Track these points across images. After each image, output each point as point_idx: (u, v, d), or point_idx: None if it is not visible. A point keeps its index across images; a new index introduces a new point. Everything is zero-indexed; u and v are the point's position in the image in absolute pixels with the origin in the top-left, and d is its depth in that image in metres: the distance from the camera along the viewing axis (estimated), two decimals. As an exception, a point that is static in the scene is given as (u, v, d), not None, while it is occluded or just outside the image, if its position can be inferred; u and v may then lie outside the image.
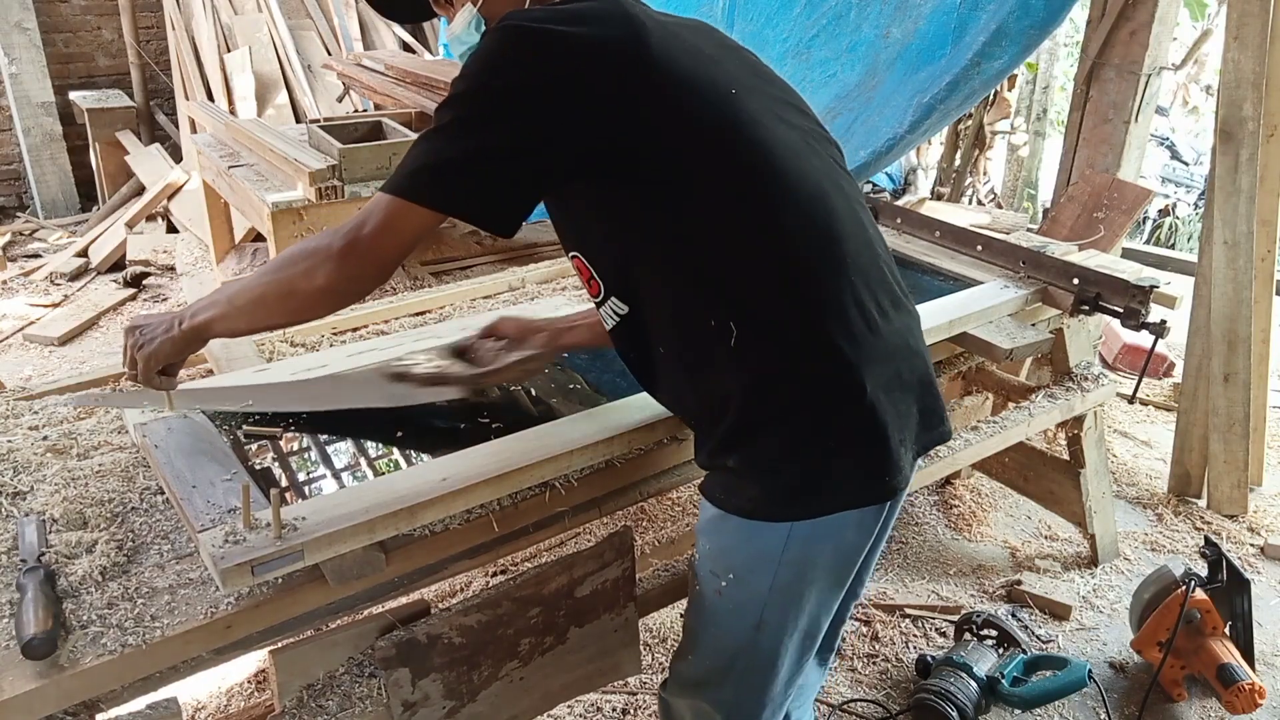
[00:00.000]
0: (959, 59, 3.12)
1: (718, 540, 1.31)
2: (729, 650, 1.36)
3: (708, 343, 1.19)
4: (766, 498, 1.23)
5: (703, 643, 1.40)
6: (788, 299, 1.18)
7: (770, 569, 1.26)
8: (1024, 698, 2.05)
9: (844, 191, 1.26)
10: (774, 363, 1.19)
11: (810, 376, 1.19)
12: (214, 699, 2.10)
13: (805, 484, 1.21)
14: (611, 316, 1.29)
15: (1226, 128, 2.68)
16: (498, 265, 3.43)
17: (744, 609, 1.31)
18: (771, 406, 1.19)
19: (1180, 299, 2.19)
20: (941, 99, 3.16)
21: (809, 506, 1.22)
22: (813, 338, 1.18)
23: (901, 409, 1.24)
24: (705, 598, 1.36)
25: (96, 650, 1.13)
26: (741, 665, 1.36)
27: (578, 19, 1.15)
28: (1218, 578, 2.14)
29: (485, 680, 1.42)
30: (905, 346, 1.27)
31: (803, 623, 1.33)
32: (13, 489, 1.39)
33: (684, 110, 1.16)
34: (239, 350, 1.76)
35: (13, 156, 5.64)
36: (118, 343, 4.01)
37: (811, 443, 1.20)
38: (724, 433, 1.22)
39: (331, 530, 1.21)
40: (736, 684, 1.38)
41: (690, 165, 1.16)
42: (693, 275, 1.19)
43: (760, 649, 1.34)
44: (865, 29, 3.47)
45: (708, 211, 1.17)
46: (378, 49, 5.37)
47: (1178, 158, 6.84)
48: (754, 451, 1.22)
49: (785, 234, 1.18)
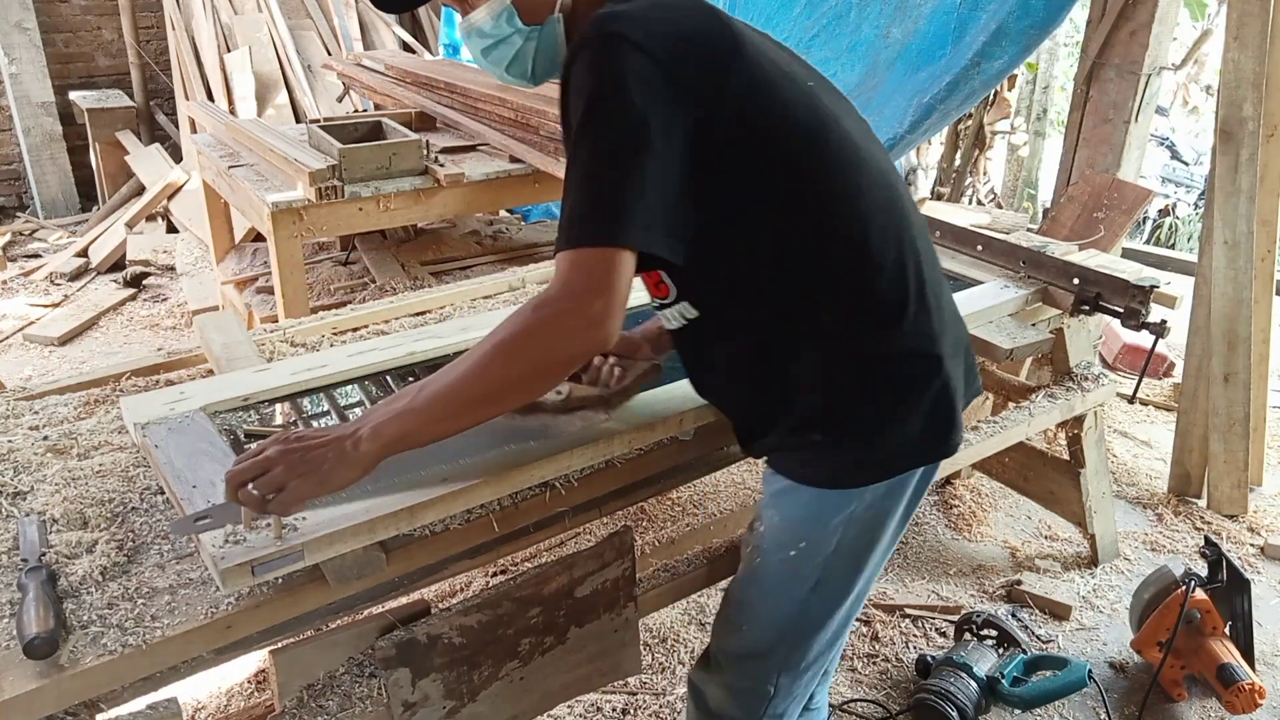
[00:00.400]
0: (959, 59, 3.12)
1: (791, 511, 1.35)
2: (784, 616, 1.40)
3: (791, 333, 1.23)
4: (849, 467, 1.29)
5: (759, 613, 1.42)
6: (876, 284, 1.22)
7: (839, 531, 1.32)
8: (1024, 698, 2.05)
9: (899, 177, 1.32)
10: (863, 345, 1.24)
11: (898, 355, 1.25)
12: (214, 699, 2.10)
13: (886, 449, 1.28)
14: (678, 319, 1.30)
15: (1226, 128, 2.68)
16: (498, 265, 3.44)
17: (804, 573, 1.35)
18: (859, 385, 1.25)
19: (1180, 299, 2.19)
20: (941, 99, 3.16)
21: (888, 469, 1.30)
22: (899, 318, 1.24)
23: (959, 371, 1.32)
24: (767, 568, 1.39)
25: (97, 650, 1.13)
26: (798, 632, 1.40)
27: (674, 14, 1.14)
28: (1218, 578, 2.14)
29: (485, 680, 1.42)
30: (955, 314, 1.37)
31: (858, 585, 1.38)
32: (13, 489, 1.39)
33: (781, 103, 1.17)
34: (239, 350, 1.76)
35: (13, 156, 5.64)
36: (118, 342, 4.01)
37: (896, 413, 1.27)
38: (804, 412, 1.26)
39: (331, 530, 1.21)
40: (787, 648, 1.41)
41: (790, 158, 1.18)
42: (783, 269, 1.21)
43: (815, 614, 1.38)
44: (865, 29, 3.47)
45: (801, 205, 1.19)
46: (378, 49, 5.38)
47: (1178, 158, 6.84)
48: (839, 427, 1.27)
49: (871, 220, 1.21)
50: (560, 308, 1.07)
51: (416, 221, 3.44)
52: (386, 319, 2.04)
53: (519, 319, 1.09)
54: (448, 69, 3.97)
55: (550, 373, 1.14)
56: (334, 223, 2.86)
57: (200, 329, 1.86)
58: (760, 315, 1.24)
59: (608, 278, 1.06)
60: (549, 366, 1.12)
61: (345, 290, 3.33)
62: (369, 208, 2.86)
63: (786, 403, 1.27)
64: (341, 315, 2.02)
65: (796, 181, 1.19)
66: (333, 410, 1.65)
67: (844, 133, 1.22)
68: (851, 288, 1.22)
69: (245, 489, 1.06)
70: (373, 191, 2.83)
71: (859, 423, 1.27)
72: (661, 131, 1.08)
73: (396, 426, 1.08)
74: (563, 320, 1.07)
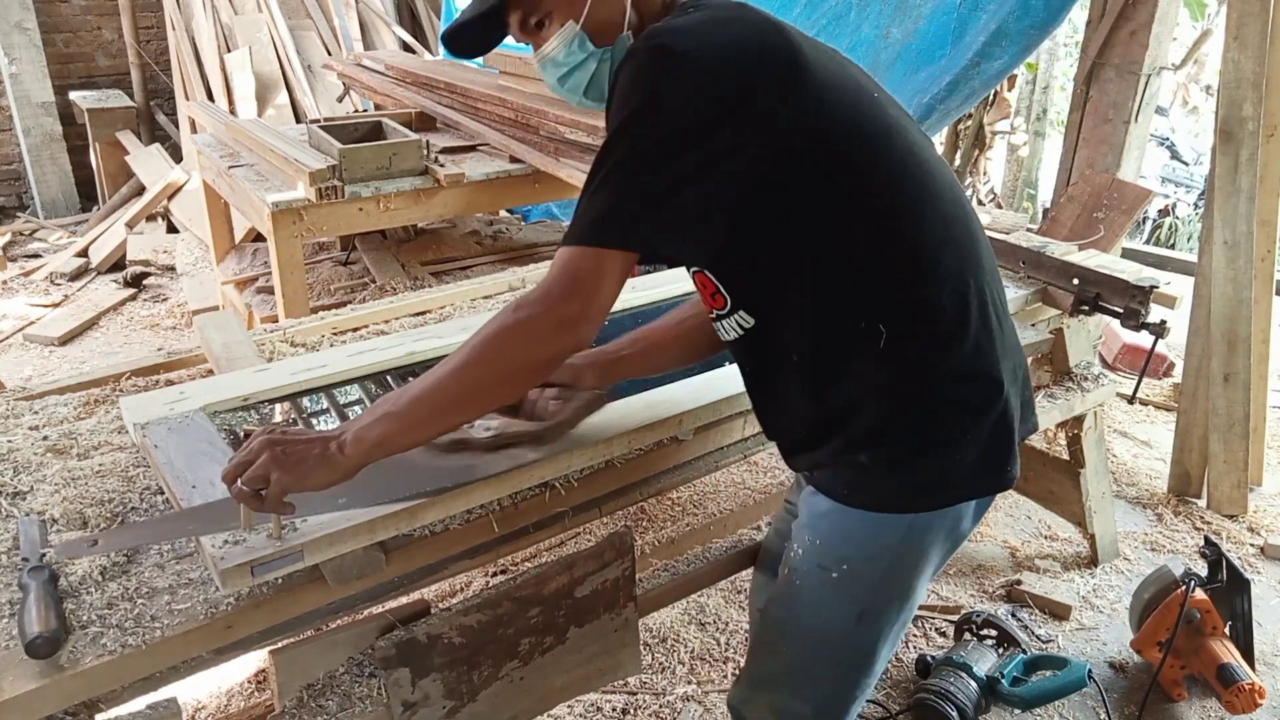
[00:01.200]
0: (959, 59, 3.12)
1: (834, 533, 1.31)
2: (829, 642, 1.36)
3: (849, 346, 1.19)
4: (898, 491, 1.25)
5: (798, 636, 1.39)
6: (939, 300, 1.18)
7: (886, 559, 1.28)
8: (1024, 698, 2.05)
9: (963, 192, 1.29)
10: (922, 362, 1.20)
11: (956, 375, 1.21)
12: (214, 699, 2.10)
13: (937, 477, 1.24)
14: (735, 329, 1.28)
15: (1226, 128, 2.68)
16: (498, 265, 3.44)
17: (850, 600, 1.32)
18: (915, 404, 1.21)
19: (1180, 299, 2.19)
20: (941, 99, 3.16)
21: (937, 498, 1.25)
22: (961, 337, 1.20)
23: (1017, 401, 1.28)
24: (807, 590, 1.35)
25: (97, 650, 1.13)
26: (840, 657, 1.37)
27: (728, 27, 1.12)
28: (1218, 578, 2.14)
29: (485, 680, 1.42)
30: (1016, 340, 1.32)
31: (904, 614, 1.35)
32: (13, 489, 1.39)
33: (845, 111, 1.15)
34: (239, 350, 1.76)
35: (13, 156, 5.64)
36: (118, 342, 4.01)
37: (952, 438, 1.23)
38: (856, 432, 1.23)
39: (331, 530, 1.21)
40: (834, 677, 1.38)
41: (851, 171, 1.15)
42: (844, 281, 1.18)
43: (861, 640, 1.34)
44: (865, 29, 3.47)
45: (865, 216, 1.16)
46: (378, 49, 5.38)
47: (1178, 158, 6.84)
48: (891, 448, 1.23)
49: (934, 236, 1.19)
50: (534, 311, 1.09)
51: (416, 221, 3.45)
52: (386, 319, 2.04)
53: (497, 321, 1.11)
54: (448, 69, 3.97)
55: (525, 376, 1.16)
56: (334, 223, 2.86)
57: (200, 329, 1.86)
58: (819, 326, 1.21)
59: (590, 279, 1.08)
60: (523, 370, 1.13)
61: (345, 290, 3.33)
62: (369, 208, 2.86)
63: (841, 420, 1.24)
64: (341, 315, 2.02)
65: (860, 191, 1.16)
66: (333, 410, 1.66)
67: (909, 143, 1.20)
68: (913, 302, 1.18)
69: (236, 485, 1.08)
70: (373, 191, 2.83)
71: (911, 445, 1.23)
72: (695, 142, 1.07)
73: (378, 431, 1.10)
74: (535, 323, 1.09)
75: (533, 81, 3.45)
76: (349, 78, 4.25)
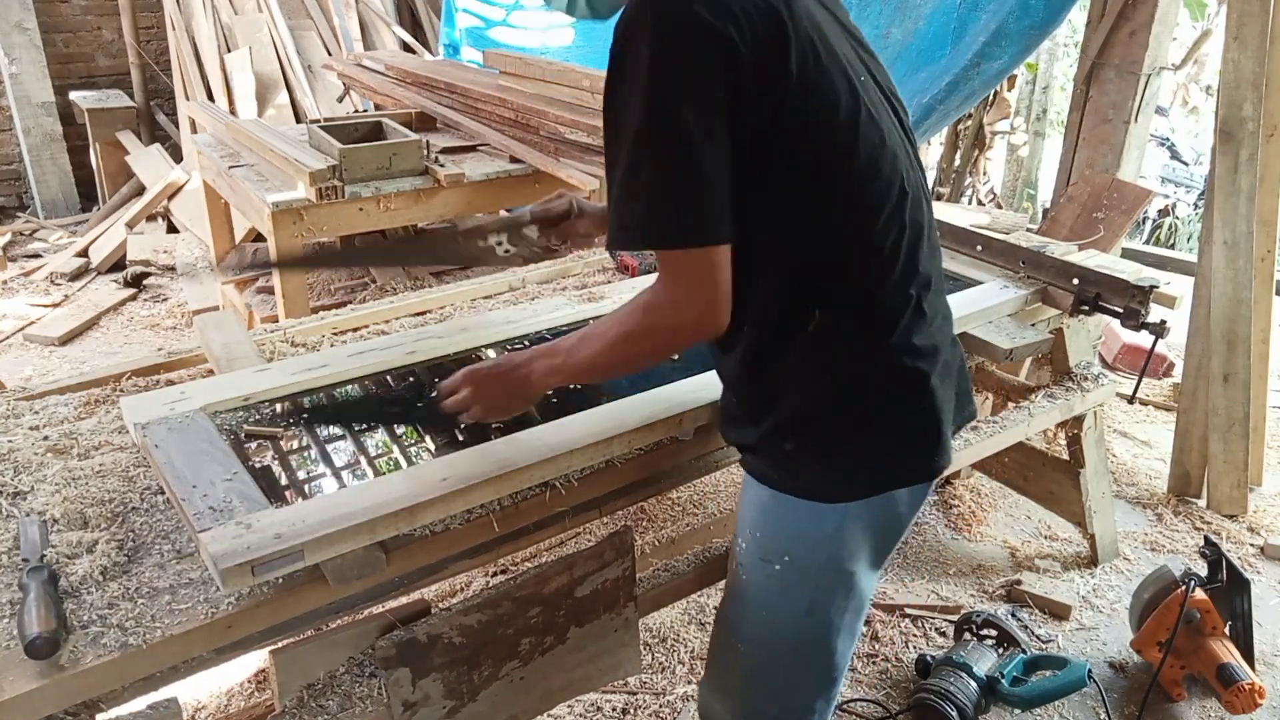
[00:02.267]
0: (959, 59, 3.13)
1: (771, 524, 1.32)
2: (784, 637, 1.37)
3: (788, 329, 1.21)
4: (826, 479, 1.26)
5: (750, 634, 1.40)
6: (877, 291, 1.20)
7: (826, 548, 1.29)
8: (1024, 698, 2.05)
9: (924, 183, 1.28)
10: (852, 352, 1.22)
11: (883, 367, 1.22)
12: (214, 699, 2.10)
13: (864, 465, 1.26)
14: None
15: (1226, 128, 2.68)
16: (498, 265, 3.43)
17: (797, 591, 1.33)
18: (840, 393, 1.23)
19: (1180, 299, 2.19)
20: (941, 99, 3.17)
21: (867, 486, 1.27)
22: (892, 330, 1.21)
23: (949, 393, 1.29)
24: (754, 585, 1.36)
25: (97, 650, 1.13)
26: (797, 651, 1.38)
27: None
28: (1218, 578, 2.14)
29: (485, 680, 1.42)
30: (951, 334, 1.34)
31: (852, 604, 1.36)
32: (13, 489, 1.39)
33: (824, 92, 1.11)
34: (239, 350, 1.76)
35: (13, 156, 5.64)
36: (118, 342, 4.01)
37: (874, 428, 1.25)
38: (784, 416, 1.24)
39: (331, 530, 1.21)
40: (794, 672, 1.39)
41: (817, 153, 1.14)
42: (791, 262, 1.18)
43: (814, 632, 1.36)
44: (865, 29, 3.45)
45: (822, 200, 1.16)
46: (378, 49, 5.38)
47: (1178, 158, 6.84)
48: (816, 435, 1.25)
49: (884, 229, 1.18)
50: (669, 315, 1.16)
51: (417, 222, 3.44)
52: (386, 319, 2.04)
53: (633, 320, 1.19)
54: (448, 69, 3.98)
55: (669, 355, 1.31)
56: (334, 223, 2.86)
57: (200, 329, 1.86)
58: (765, 305, 1.20)
59: (711, 276, 1.11)
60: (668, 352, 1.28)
61: (345, 290, 3.33)
62: (369, 208, 2.86)
63: (770, 398, 1.25)
64: (341, 315, 2.02)
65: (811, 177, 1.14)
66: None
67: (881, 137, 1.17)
68: (848, 293, 1.19)
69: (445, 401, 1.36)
70: (373, 192, 2.83)
71: (835, 433, 1.24)
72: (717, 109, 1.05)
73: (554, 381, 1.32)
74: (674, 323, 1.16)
75: (533, 81, 3.45)
76: (349, 78, 4.25)
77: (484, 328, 1.87)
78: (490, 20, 4.99)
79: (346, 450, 1.55)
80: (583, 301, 2.01)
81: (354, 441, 1.57)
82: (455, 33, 4.98)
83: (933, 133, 3.83)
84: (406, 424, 1.63)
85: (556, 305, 1.99)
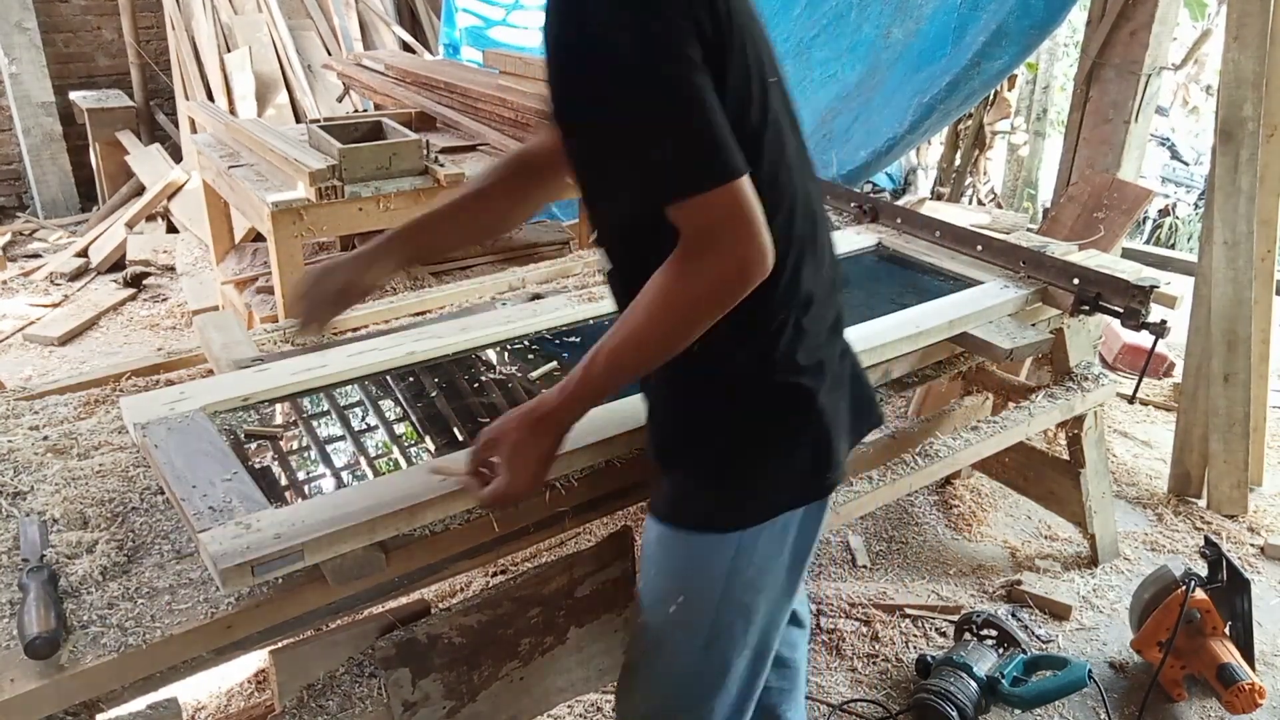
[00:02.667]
0: (959, 59, 3.13)
1: (666, 562, 1.29)
2: (678, 676, 1.33)
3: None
4: (717, 506, 1.22)
5: (650, 675, 1.37)
6: (757, 310, 1.11)
7: (720, 582, 1.25)
8: (1024, 698, 2.05)
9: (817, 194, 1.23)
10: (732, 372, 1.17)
11: (767, 386, 1.17)
12: (214, 699, 2.10)
13: (751, 490, 1.22)
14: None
15: (1226, 128, 2.68)
16: (498, 265, 3.43)
17: (693, 629, 1.29)
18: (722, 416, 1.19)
19: (1180, 299, 2.19)
20: (941, 99, 3.17)
21: (757, 512, 1.23)
22: (778, 345, 1.16)
23: (840, 406, 1.25)
24: (651, 628, 1.33)
25: (97, 650, 1.13)
26: (700, 689, 1.33)
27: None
28: (1218, 578, 2.14)
29: (485, 680, 1.42)
30: (841, 345, 1.28)
31: (753, 638, 1.31)
32: (13, 489, 1.39)
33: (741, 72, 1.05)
34: (239, 350, 1.76)
35: (13, 156, 5.64)
36: (118, 342, 4.01)
37: (759, 449, 1.20)
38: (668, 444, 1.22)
39: (331, 530, 1.21)
40: (700, 708, 1.34)
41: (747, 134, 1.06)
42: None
43: (711, 669, 1.31)
44: (866, 29, 3.47)
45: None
46: (378, 49, 5.38)
47: (1178, 158, 6.84)
48: (702, 462, 1.21)
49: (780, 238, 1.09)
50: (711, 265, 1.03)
51: (416, 221, 3.44)
52: (386, 319, 2.04)
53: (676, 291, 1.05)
54: (448, 69, 3.97)
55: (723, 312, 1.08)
56: (334, 223, 2.85)
57: (200, 329, 1.86)
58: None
59: (741, 213, 1.01)
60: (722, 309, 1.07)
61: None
62: (369, 208, 2.86)
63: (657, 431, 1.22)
64: (341, 315, 2.01)
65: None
66: (333, 410, 1.66)
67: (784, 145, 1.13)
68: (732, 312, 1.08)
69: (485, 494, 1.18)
70: (373, 191, 2.83)
71: (713, 460, 1.20)
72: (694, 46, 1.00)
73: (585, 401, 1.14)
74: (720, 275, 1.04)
75: (533, 81, 3.45)
76: (349, 78, 4.25)
77: (484, 327, 1.87)
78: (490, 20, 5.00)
79: (346, 450, 1.55)
80: (583, 301, 2.01)
81: (354, 441, 1.57)
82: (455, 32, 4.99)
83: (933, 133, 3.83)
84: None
85: (556, 305, 1.99)
